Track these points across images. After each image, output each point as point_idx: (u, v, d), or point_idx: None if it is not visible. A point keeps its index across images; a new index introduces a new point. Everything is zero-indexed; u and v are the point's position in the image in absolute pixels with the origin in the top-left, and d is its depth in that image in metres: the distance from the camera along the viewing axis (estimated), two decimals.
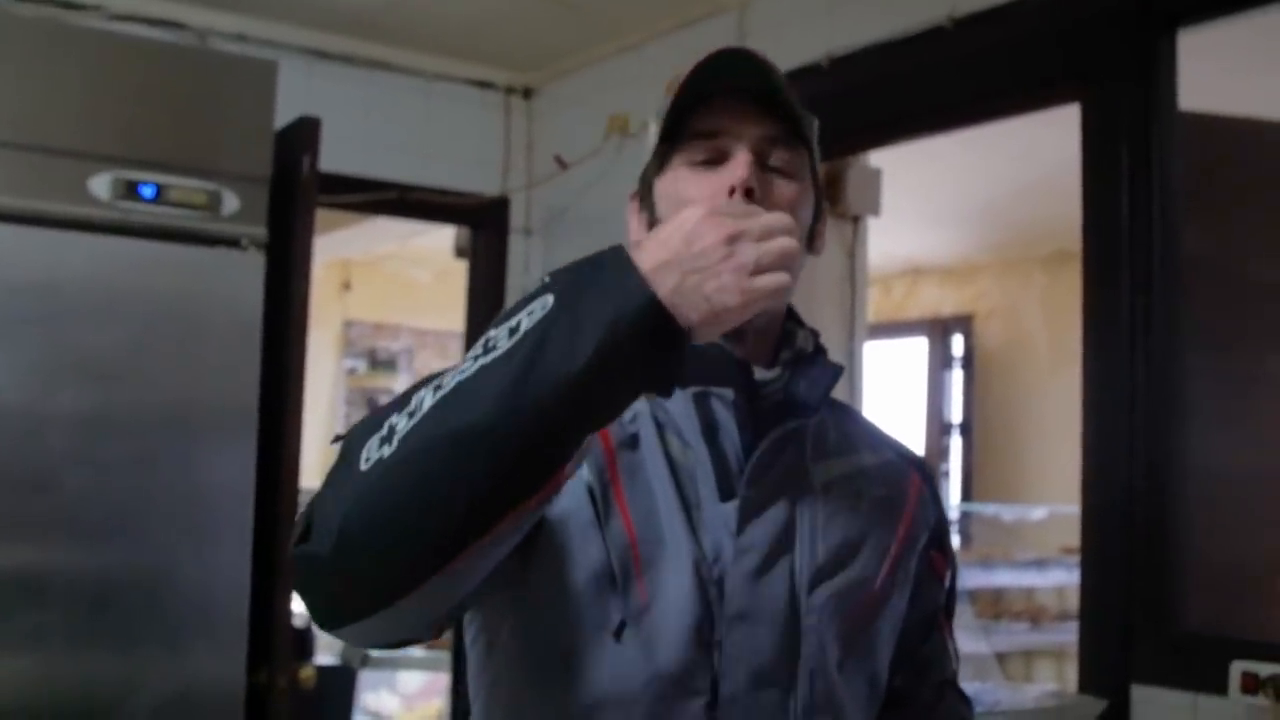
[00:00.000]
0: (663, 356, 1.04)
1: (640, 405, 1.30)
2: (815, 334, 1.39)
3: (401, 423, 1.04)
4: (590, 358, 0.99)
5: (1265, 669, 2.27)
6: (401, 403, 1.07)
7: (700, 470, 1.28)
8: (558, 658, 1.23)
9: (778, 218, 1.08)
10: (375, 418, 1.08)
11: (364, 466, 1.03)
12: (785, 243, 1.07)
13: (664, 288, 1.03)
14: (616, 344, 1.01)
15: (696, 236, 1.05)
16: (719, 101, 1.29)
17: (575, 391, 1.00)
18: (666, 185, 1.32)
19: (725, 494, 1.27)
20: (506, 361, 1.01)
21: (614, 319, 1.00)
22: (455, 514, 1.00)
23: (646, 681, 1.21)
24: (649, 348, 1.03)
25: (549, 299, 1.03)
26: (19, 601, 2.68)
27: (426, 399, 1.04)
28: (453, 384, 1.03)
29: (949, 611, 1.46)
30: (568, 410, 1.01)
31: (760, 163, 1.28)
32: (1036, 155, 4.54)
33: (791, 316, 1.38)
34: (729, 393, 1.28)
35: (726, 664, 1.23)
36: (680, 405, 1.30)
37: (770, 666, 1.24)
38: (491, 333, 1.05)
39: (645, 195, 1.36)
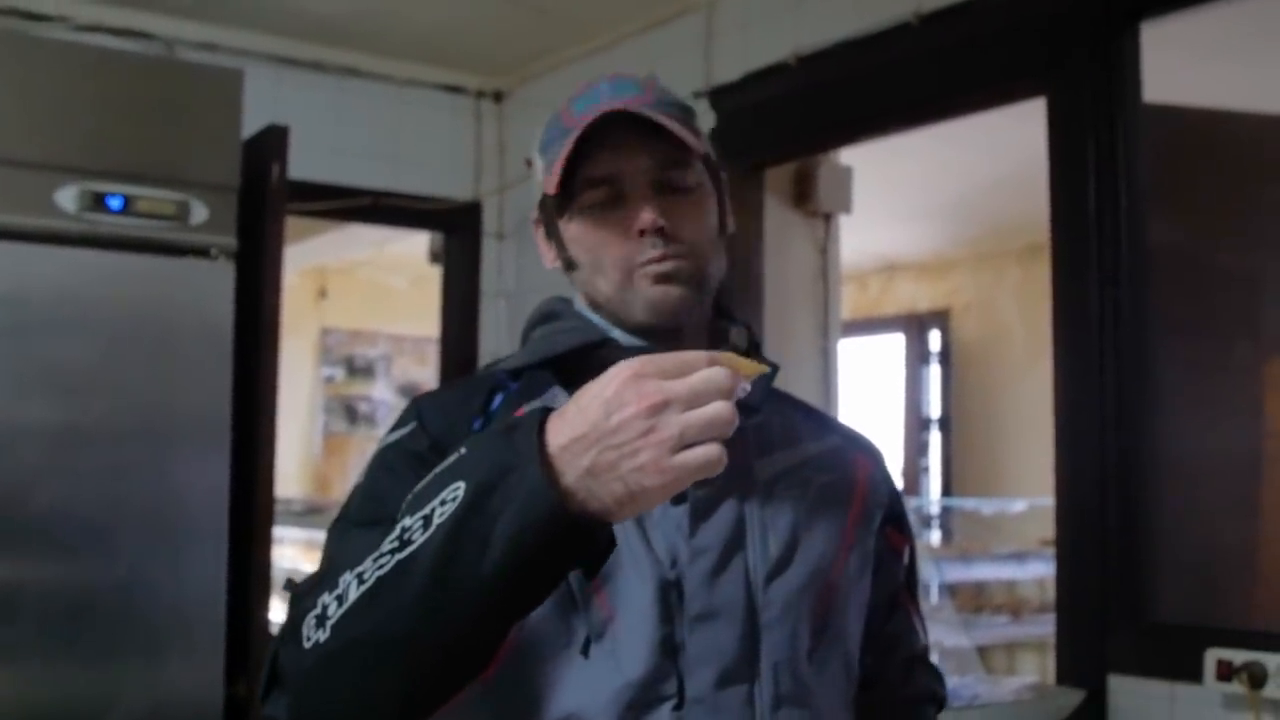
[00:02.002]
0: (578, 549, 1.01)
1: None
2: (748, 329, 1.41)
3: (332, 607, 1.07)
4: (499, 570, 0.99)
5: (1239, 656, 2.28)
6: (330, 575, 1.10)
7: None
8: (528, 680, 1.22)
9: (709, 378, 1.00)
10: (317, 584, 1.12)
11: (306, 645, 1.08)
12: (716, 409, 0.99)
13: (575, 470, 0.99)
14: (525, 555, 0.99)
15: (617, 406, 0.99)
16: (601, 143, 1.29)
17: (490, 598, 1.01)
18: (575, 232, 1.34)
19: (675, 498, 1.25)
20: (419, 566, 1.01)
21: (519, 530, 0.98)
22: (394, 708, 1.06)
23: (616, 692, 1.21)
24: (560, 549, 1.00)
25: (460, 489, 1.01)
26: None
27: (352, 588, 1.06)
28: (373, 579, 1.04)
29: (911, 588, 1.47)
30: (486, 613, 1.02)
31: (660, 188, 1.30)
32: (1008, 149, 4.55)
33: (723, 314, 1.41)
34: None
35: (691, 666, 1.23)
36: None
37: (734, 664, 1.24)
38: (407, 521, 1.04)
39: (550, 227, 1.39)
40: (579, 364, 1.31)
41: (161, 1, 3.71)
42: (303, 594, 1.14)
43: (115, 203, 2.80)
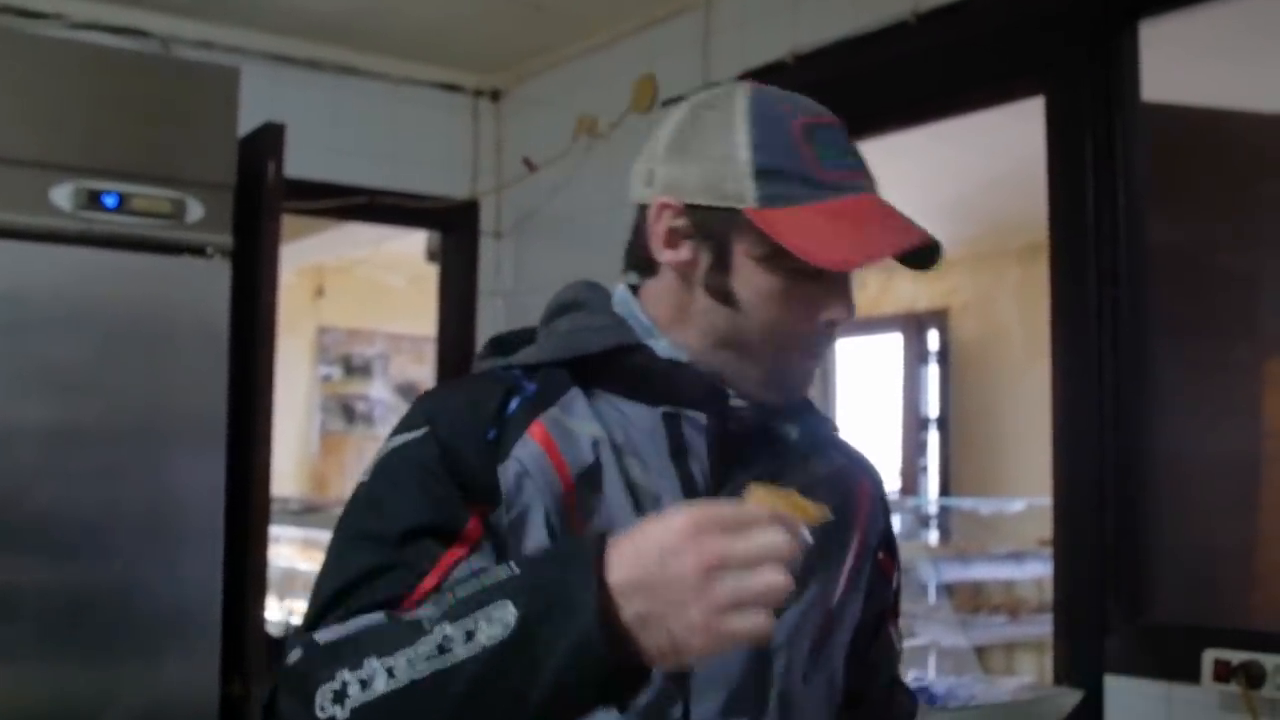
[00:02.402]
0: (617, 687, 1.00)
1: (598, 430, 1.25)
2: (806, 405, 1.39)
3: (354, 688, 1.04)
4: (542, 701, 0.99)
5: (1237, 656, 2.28)
6: (352, 651, 1.07)
7: (666, 496, 1.25)
8: None
9: (771, 544, 0.98)
10: (329, 652, 1.09)
11: (320, 716, 1.05)
12: (772, 581, 0.97)
13: (627, 614, 0.97)
14: (569, 692, 0.99)
15: (673, 556, 0.97)
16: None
17: None
18: (761, 279, 1.24)
19: None
20: (458, 681, 1.00)
21: (568, 668, 0.97)
22: None
23: (625, 715, 1.17)
24: (602, 687, 1.00)
25: (510, 613, 1.00)
26: None
27: (379, 678, 1.04)
28: (405, 680, 1.02)
29: (895, 609, 1.47)
30: None
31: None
32: (1006, 148, 4.54)
33: None
34: (701, 417, 1.27)
35: (699, 692, 1.23)
36: (646, 423, 1.27)
37: (741, 691, 1.25)
38: (449, 630, 1.02)
39: (719, 238, 1.26)
40: (603, 365, 1.27)
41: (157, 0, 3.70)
42: (314, 661, 1.09)
43: (111, 201, 2.79)
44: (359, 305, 7.81)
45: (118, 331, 2.81)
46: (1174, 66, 2.82)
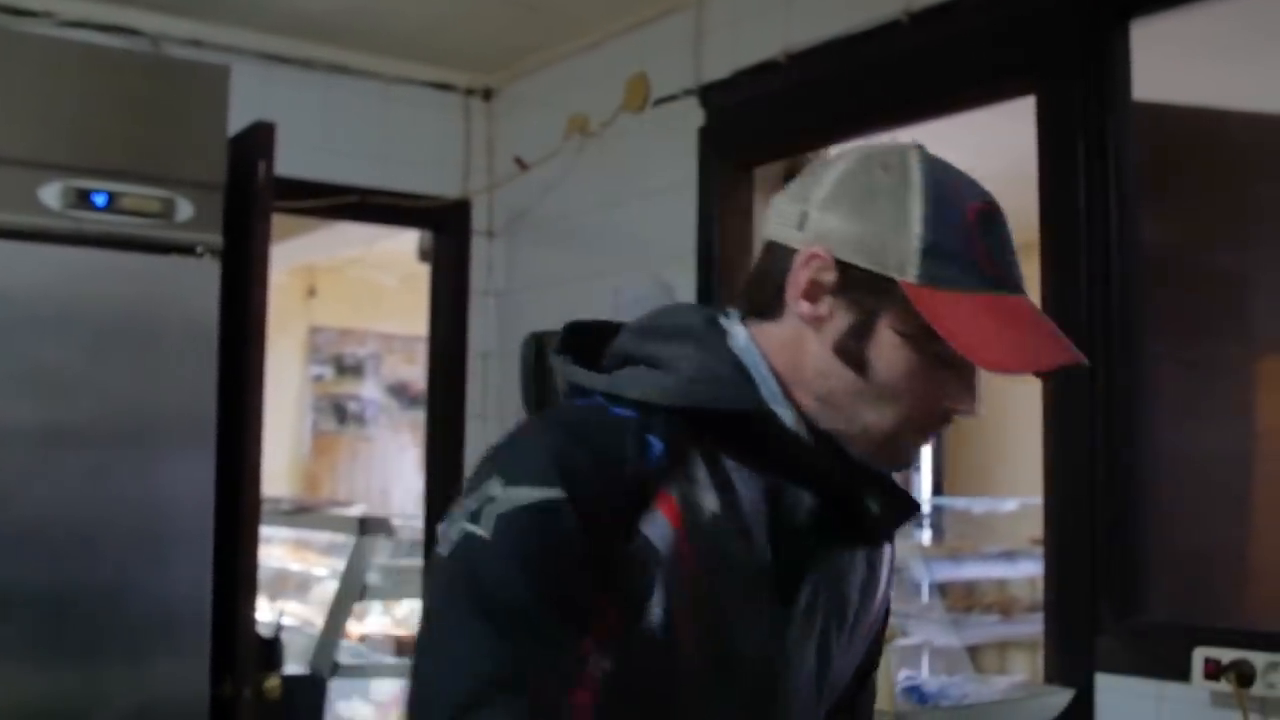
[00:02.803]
0: None
1: (716, 504, 1.18)
2: None
3: None
4: None
5: (1227, 654, 2.28)
6: None
7: (765, 575, 1.21)
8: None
9: None
10: None
11: None
12: None
13: None
14: None
15: None
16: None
17: None
18: (898, 355, 1.19)
19: (785, 598, 1.22)
20: None
21: None
22: None
23: None
24: None
25: None
26: None
27: None
28: None
29: (877, 662, 1.47)
30: None
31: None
32: (998, 147, 4.54)
33: None
34: (808, 496, 1.22)
35: None
36: (753, 493, 1.20)
37: None
38: None
39: (865, 304, 1.20)
40: (725, 422, 1.19)
41: None
42: None
43: (100, 200, 2.78)
44: (351, 305, 7.80)
45: (107, 331, 2.81)
46: (1165, 66, 2.82)
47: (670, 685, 1.15)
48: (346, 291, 7.77)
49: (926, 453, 7.11)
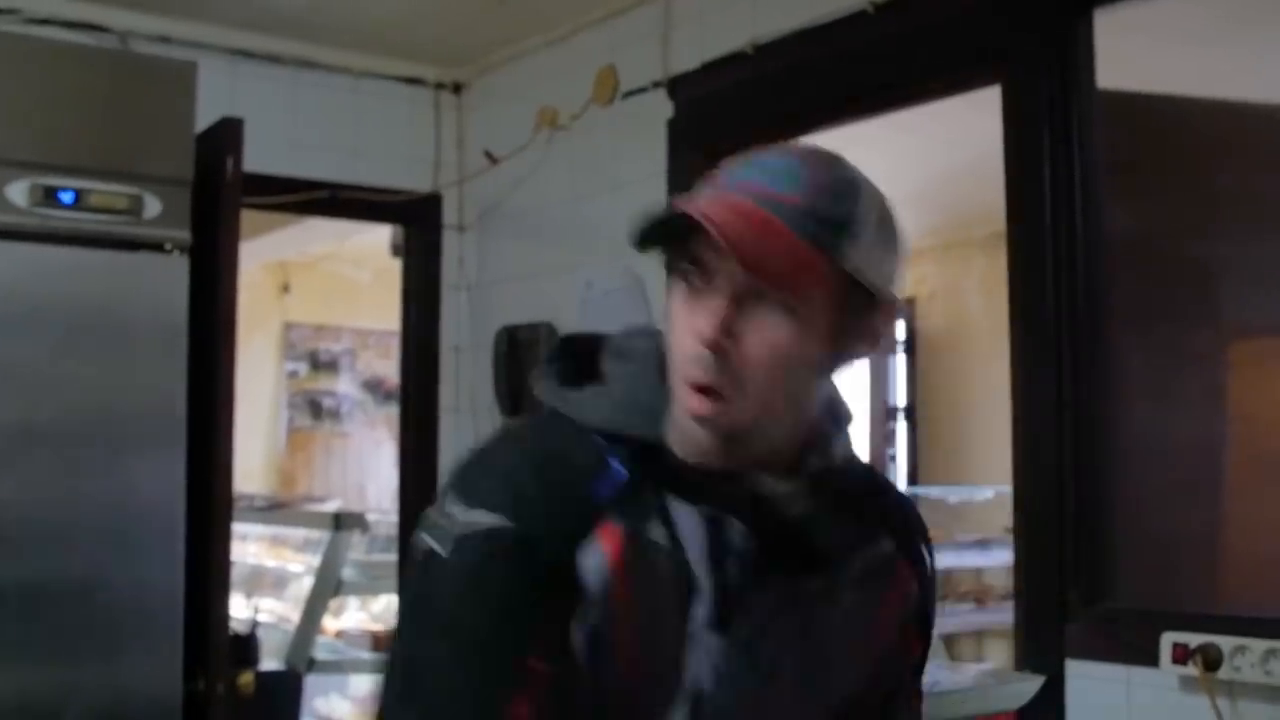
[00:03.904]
0: None
1: (663, 535, 1.18)
2: (848, 432, 1.32)
3: None
4: None
5: (1194, 639, 2.30)
6: None
7: (701, 594, 1.20)
8: None
9: None
10: None
11: None
12: None
13: None
14: None
15: None
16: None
17: None
18: (670, 299, 1.20)
19: (722, 621, 1.20)
20: None
21: None
22: None
23: None
24: None
25: None
26: None
27: None
28: None
29: (916, 688, 1.42)
30: None
31: (754, 295, 1.15)
32: (968, 138, 4.55)
33: (837, 412, 1.31)
34: (740, 524, 1.20)
35: None
36: (690, 524, 1.20)
37: None
38: None
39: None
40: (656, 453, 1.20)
41: None
42: None
43: (67, 197, 2.77)
44: (325, 301, 7.78)
45: (76, 328, 2.80)
46: (1130, 53, 2.84)
47: (604, 713, 1.18)
48: (320, 287, 7.75)
49: (902, 442, 7.14)
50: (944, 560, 5.39)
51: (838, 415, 1.31)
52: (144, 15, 3.77)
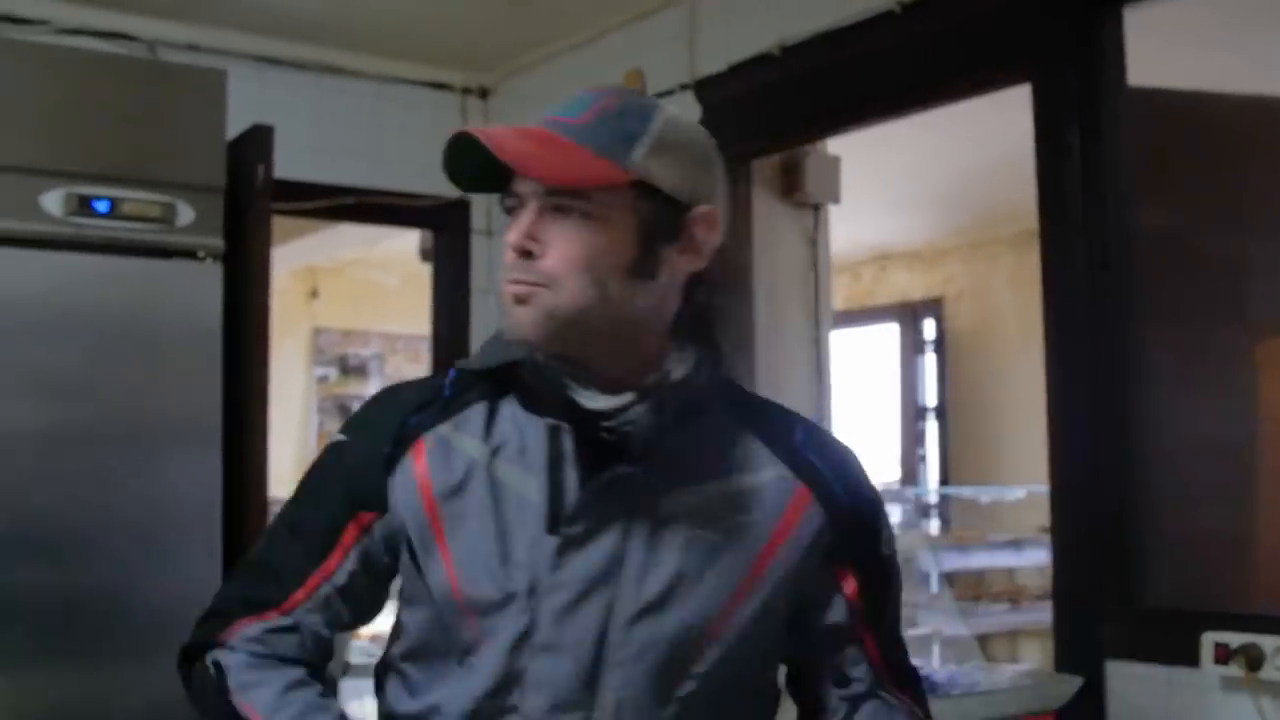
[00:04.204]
0: None
1: (478, 449, 1.36)
2: (709, 355, 1.38)
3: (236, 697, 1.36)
4: None
5: (1236, 639, 2.28)
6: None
7: (534, 500, 1.33)
8: (428, 666, 1.40)
9: None
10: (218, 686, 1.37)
11: (210, 673, 1.38)
12: None
13: None
14: None
15: None
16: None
17: None
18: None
19: (551, 527, 1.32)
20: None
21: None
22: None
23: (468, 700, 1.35)
24: None
25: None
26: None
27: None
28: None
29: (872, 623, 1.43)
30: None
31: (557, 209, 1.30)
32: (997, 136, 4.54)
33: (691, 330, 1.38)
34: (572, 433, 1.33)
35: (529, 690, 1.32)
36: (535, 433, 1.35)
37: (569, 695, 1.32)
38: None
39: None
40: (511, 375, 1.37)
41: (144, 3, 3.69)
42: (220, 674, 1.38)
43: (102, 206, 2.79)
44: (353, 306, 7.80)
45: (111, 336, 2.81)
46: (1160, 50, 2.82)
47: (441, 611, 1.36)
48: (349, 292, 7.77)
49: (933, 442, 7.11)
50: (978, 561, 5.39)
51: (702, 340, 1.39)
52: (172, 24, 3.79)
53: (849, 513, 1.40)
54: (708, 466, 1.37)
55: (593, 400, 1.32)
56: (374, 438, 1.40)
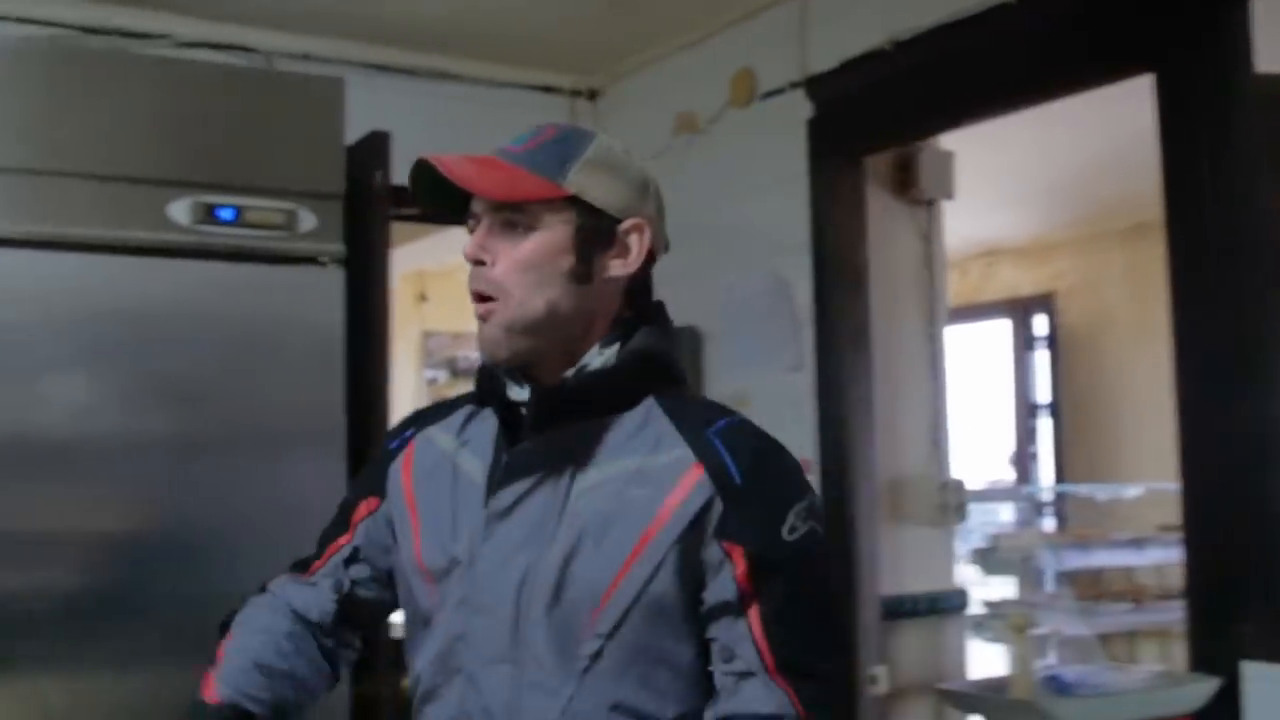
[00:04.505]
0: None
1: (450, 442, 1.62)
2: (638, 351, 1.54)
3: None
4: None
5: None
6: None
7: (479, 481, 1.56)
8: (411, 633, 1.62)
9: None
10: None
11: None
12: None
13: None
14: None
15: None
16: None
17: None
18: None
19: (486, 503, 1.53)
20: None
21: None
22: None
23: (433, 658, 1.55)
24: None
25: None
26: (118, 622, 2.72)
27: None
28: None
29: (762, 608, 1.45)
30: None
31: (505, 225, 1.52)
32: (1110, 128, 4.47)
33: (624, 329, 1.56)
34: (492, 417, 1.59)
35: (469, 647, 1.51)
36: (489, 426, 1.59)
37: (499, 650, 1.49)
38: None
39: None
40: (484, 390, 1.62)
41: (260, 16, 3.76)
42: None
43: (226, 214, 2.84)
44: (462, 309, 7.79)
45: (237, 342, 2.86)
46: None
47: (409, 580, 1.61)
48: (457, 296, 7.77)
49: (1046, 439, 7.01)
50: (1099, 559, 5.29)
51: (631, 337, 1.56)
52: (288, 35, 3.86)
53: (741, 492, 1.46)
54: (619, 448, 1.50)
55: (518, 393, 1.55)
56: (390, 438, 1.72)
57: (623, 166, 1.57)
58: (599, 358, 1.54)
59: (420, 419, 1.71)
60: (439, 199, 1.58)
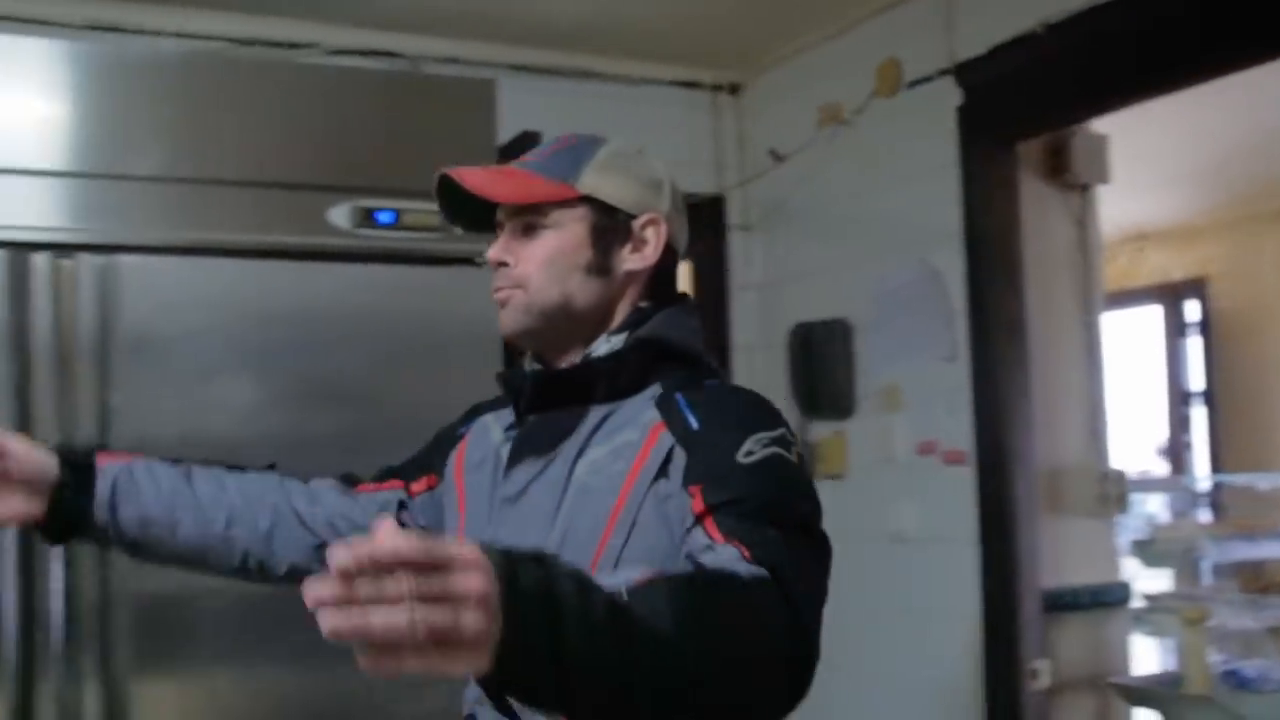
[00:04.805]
0: None
1: (499, 432, 1.72)
2: (647, 340, 1.61)
3: None
4: None
5: None
6: None
7: (501, 466, 1.66)
8: None
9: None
10: None
11: None
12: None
13: None
14: None
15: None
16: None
17: None
18: None
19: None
20: None
21: None
22: None
23: None
24: None
25: None
26: (292, 620, 2.77)
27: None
28: None
29: (714, 515, 1.41)
30: None
31: (524, 229, 1.64)
32: (1260, 108, 4.34)
33: (637, 320, 1.63)
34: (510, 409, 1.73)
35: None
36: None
37: None
38: None
39: None
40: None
41: (406, 21, 3.82)
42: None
43: (385, 217, 2.89)
44: None
45: (396, 343, 2.90)
46: None
47: None
48: None
49: (1200, 428, 6.83)
50: (1266, 551, 5.13)
51: (644, 327, 1.62)
52: (434, 39, 3.91)
53: (698, 435, 1.50)
54: (616, 431, 1.56)
55: (516, 379, 1.68)
56: (459, 422, 1.87)
57: (635, 166, 1.66)
58: (606, 345, 1.62)
59: (479, 408, 1.84)
60: (464, 213, 1.71)
